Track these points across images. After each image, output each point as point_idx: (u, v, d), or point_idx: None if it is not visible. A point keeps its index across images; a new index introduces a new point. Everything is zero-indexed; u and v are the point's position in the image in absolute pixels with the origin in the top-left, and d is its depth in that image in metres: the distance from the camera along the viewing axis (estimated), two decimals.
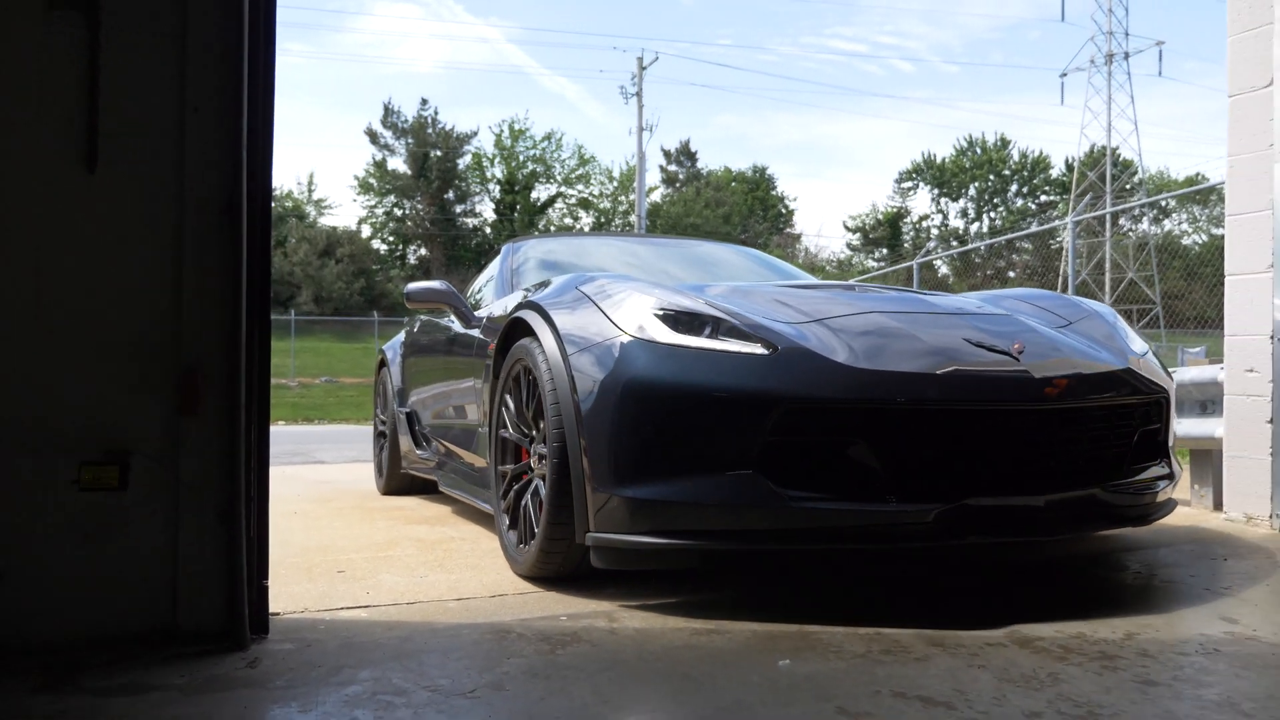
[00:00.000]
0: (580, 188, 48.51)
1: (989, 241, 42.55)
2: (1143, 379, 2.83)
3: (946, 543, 2.37)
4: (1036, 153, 51.44)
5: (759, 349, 2.41)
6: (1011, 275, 38.68)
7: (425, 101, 52.77)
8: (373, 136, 45.58)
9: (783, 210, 52.91)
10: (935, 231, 52.41)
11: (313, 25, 68.84)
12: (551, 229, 44.73)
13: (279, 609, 2.42)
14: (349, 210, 75.48)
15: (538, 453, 2.77)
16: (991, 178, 51.59)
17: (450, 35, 71.78)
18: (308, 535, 3.79)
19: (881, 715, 1.67)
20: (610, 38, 77.91)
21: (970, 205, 52.55)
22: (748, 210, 49.61)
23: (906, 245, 49.61)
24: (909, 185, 53.36)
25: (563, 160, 47.92)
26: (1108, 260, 32.09)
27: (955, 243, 49.51)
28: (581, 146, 59.03)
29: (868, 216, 52.76)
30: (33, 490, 2.01)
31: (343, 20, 66.03)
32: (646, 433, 2.38)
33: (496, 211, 47.08)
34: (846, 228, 53.35)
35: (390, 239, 46.40)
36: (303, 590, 2.72)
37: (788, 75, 76.14)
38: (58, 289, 2.04)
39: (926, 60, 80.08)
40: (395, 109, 45.74)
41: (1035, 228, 39.25)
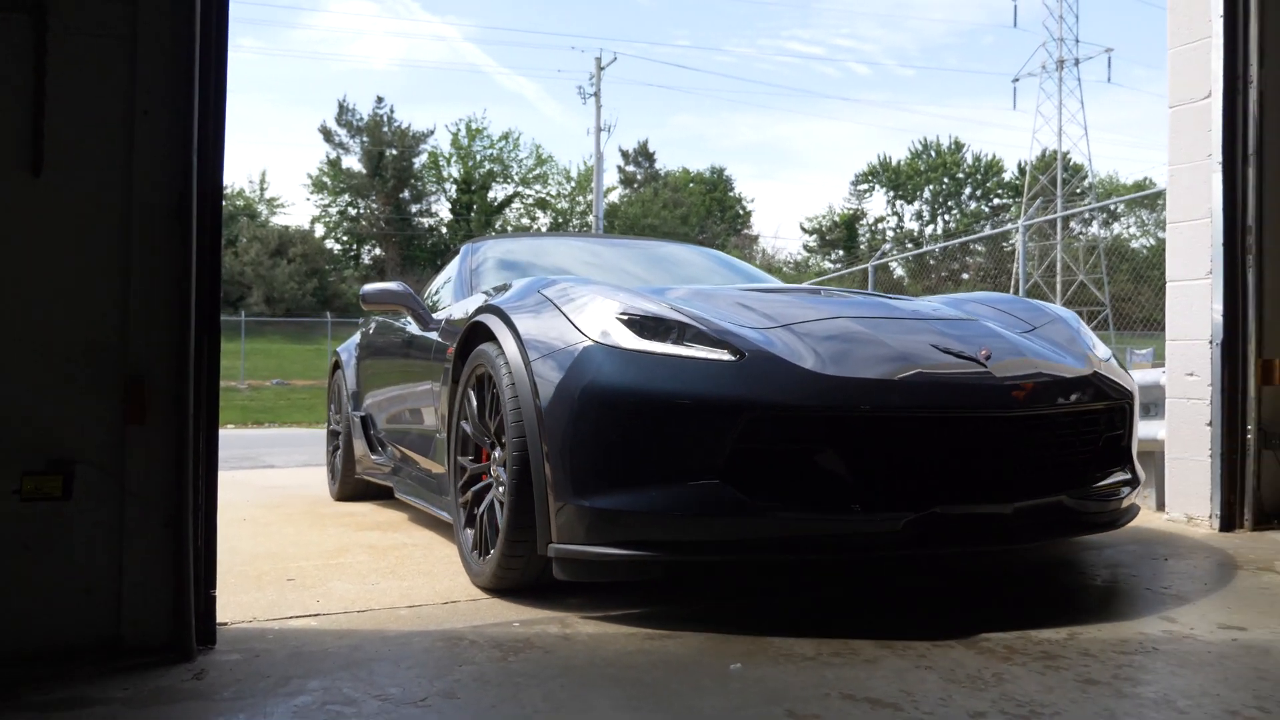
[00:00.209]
0: (538, 188, 48.48)
1: (944, 244, 43.17)
2: (1108, 383, 2.85)
3: (917, 551, 2.34)
4: (990, 156, 52.49)
5: (725, 355, 2.37)
6: (965, 277, 39.24)
7: (381, 99, 52.42)
8: (327, 134, 45.05)
9: (740, 211, 53.24)
10: (891, 233, 53.14)
11: (266, 21, 67.99)
12: (509, 229, 44.51)
13: (227, 619, 2.39)
14: (302, 209, 74.40)
15: (498, 460, 2.73)
16: (946, 180, 52.42)
17: (406, 33, 71.43)
18: (257, 542, 3.73)
19: (830, 717, 1.70)
20: (568, 37, 77.87)
21: (925, 207, 53.39)
22: (705, 211, 49.86)
23: (863, 247, 50.16)
24: (865, 187, 54.06)
25: (520, 160, 47.85)
26: (1059, 263, 32.71)
27: (910, 245, 50.24)
28: (539, 146, 59.03)
29: (824, 218, 53.36)
30: None
31: (297, 16, 65.22)
32: (611, 441, 2.34)
33: (453, 211, 46.77)
34: (803, 229, 53.97)
35: (344, 239, 45.91)
36: (251, 599, 2.69)
37: (745, 77, 76.83)
38: (0, 294, 2.00)
39: (882, 63, 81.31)
40: (350, 106, 45.21)
41: (988, 230, 39.84)
